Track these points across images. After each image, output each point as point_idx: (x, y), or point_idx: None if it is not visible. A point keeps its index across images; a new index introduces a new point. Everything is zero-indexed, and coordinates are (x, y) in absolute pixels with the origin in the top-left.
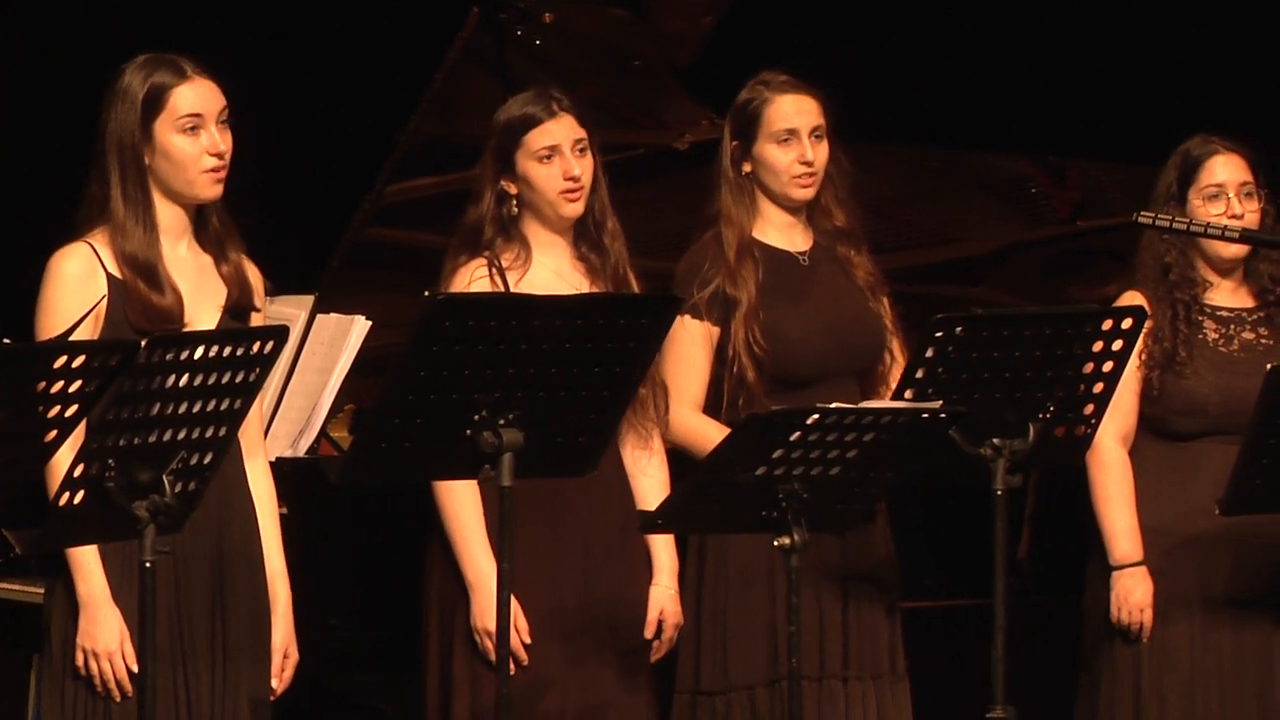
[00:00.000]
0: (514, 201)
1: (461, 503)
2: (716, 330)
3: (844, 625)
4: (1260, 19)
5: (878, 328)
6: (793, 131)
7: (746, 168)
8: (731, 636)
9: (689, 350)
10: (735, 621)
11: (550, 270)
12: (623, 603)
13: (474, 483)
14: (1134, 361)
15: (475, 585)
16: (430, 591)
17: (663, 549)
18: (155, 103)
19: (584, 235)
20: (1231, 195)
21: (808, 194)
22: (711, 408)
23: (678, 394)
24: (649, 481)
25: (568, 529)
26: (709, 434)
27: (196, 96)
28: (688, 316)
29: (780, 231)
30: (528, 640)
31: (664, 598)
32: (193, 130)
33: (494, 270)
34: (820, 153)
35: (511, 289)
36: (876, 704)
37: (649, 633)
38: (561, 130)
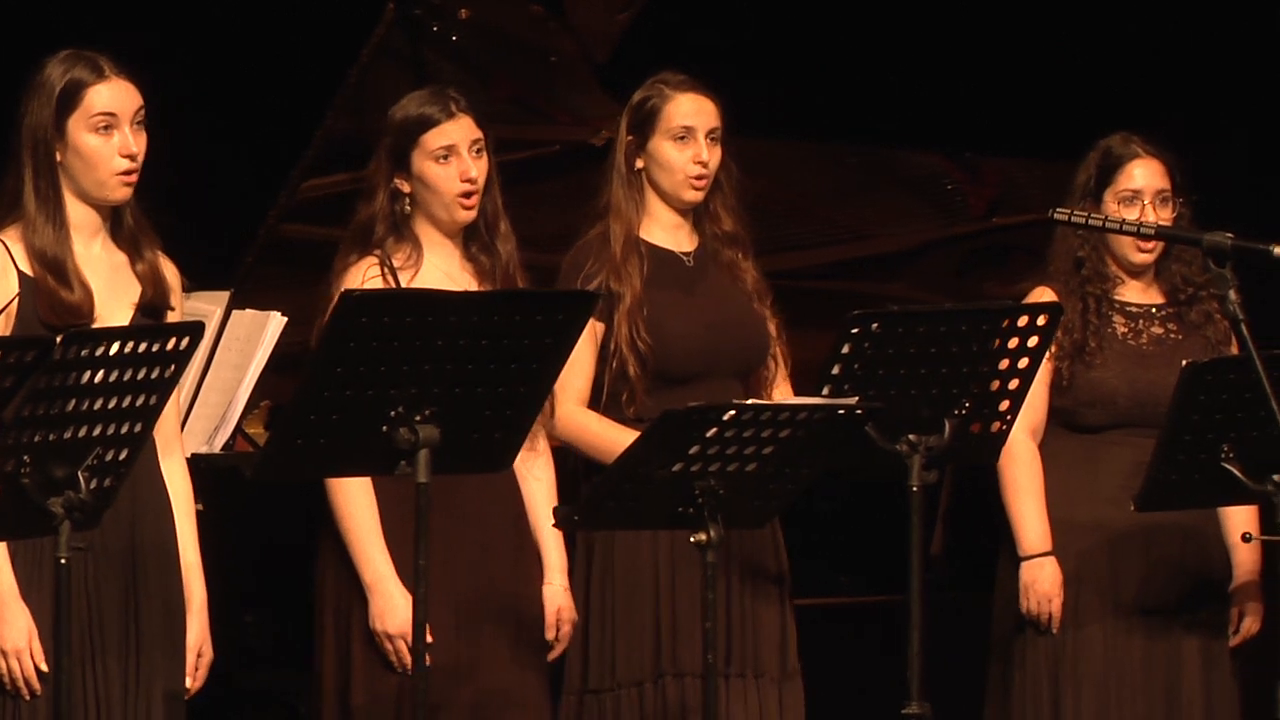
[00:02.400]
0: (407, 201)
1: (356, 503)
2: (601, 326)
3: (727, 623)
4: (1177, 14)
5: (761, 331)
6: (690, 130)
7: (639, 164)
8: (619, 634)
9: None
10: (623, 619)
11: (440, 271)
12: (519, 598)
13: (369, 483)
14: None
15: (373, 587)
16: (325, 590)
17: (553, 548)
18: (71, 99)
19: (475, 237)
20: (1146, 202)
21: (697, 196)
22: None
23: (562, 390)
24: (536, 484)
25: (463, 527)
26: (596, 429)
27: (112, 96)
28: None
29: (666, 231)
30: (429, 639)
31: (559, 596)
32: (106, 130)
33: (385, 270)
34: (714, 155)
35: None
36: (760, 702)
37: (550, 633)
38: (459, 131)
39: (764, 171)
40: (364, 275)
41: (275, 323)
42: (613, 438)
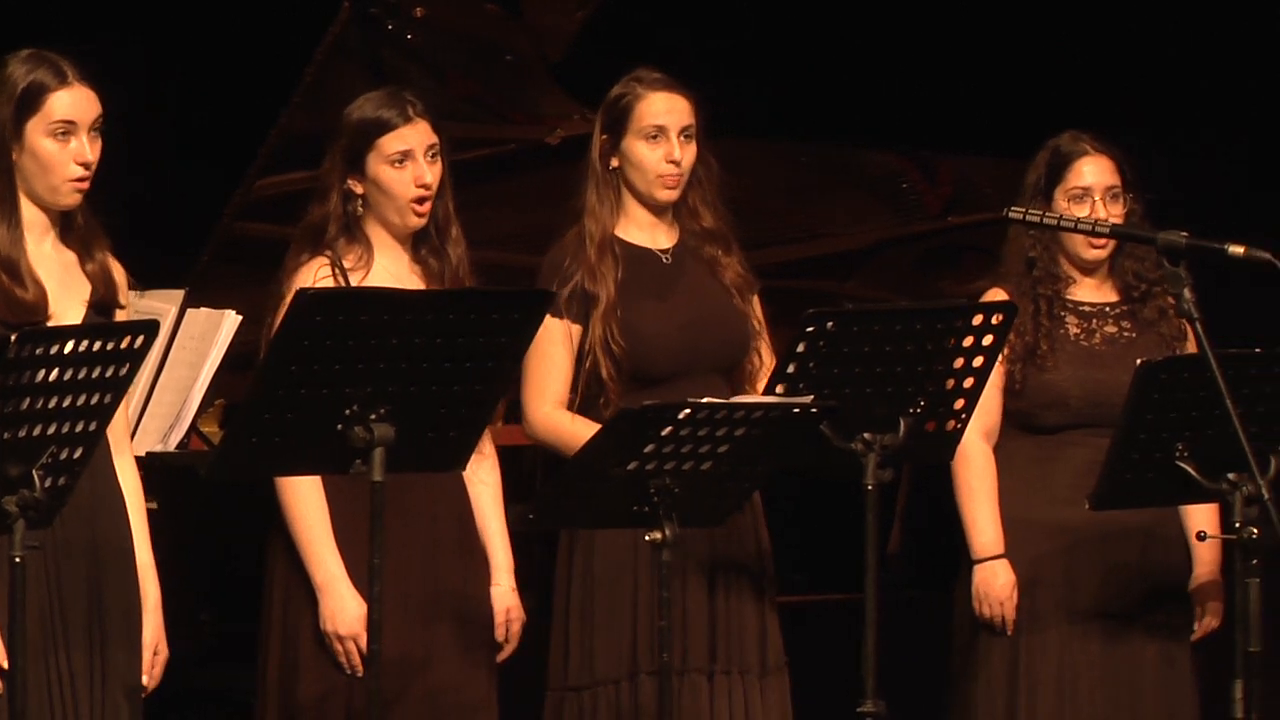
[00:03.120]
0: (359, 202)
1: (307, 503)
2: (577, 328)
3: (710, 619)
4: (1129, 13)
5: (742, 326)
6: (661, 129)
7: (614, 163)
8: (598, 632)
9: (549, 349)
10: (601, 617)
11: (389, 273)
12: (466, 600)
13: (319, 482)
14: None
15: (324, 588)
16: (273, 590)
17: (499, 548)
18: (31, 103)
19: (425, 240)
20: (1097, 199)
21: (671, 195)
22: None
23: (540, 392)
24: (482, 487)
25: (411, 525)
26: (572, 430)
27: (73, 103)
28: (549, 316)
29: (643, 229)
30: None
31: (506, 597)
32: (64, 136)
33: (336, 270)
34: (688, 153)
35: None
36: (744, 698)
37: (499, 634)
38: (416, 135)
39: (721, 170)
40: (315, 275)
41: (230, 321)
42: (588, 437)
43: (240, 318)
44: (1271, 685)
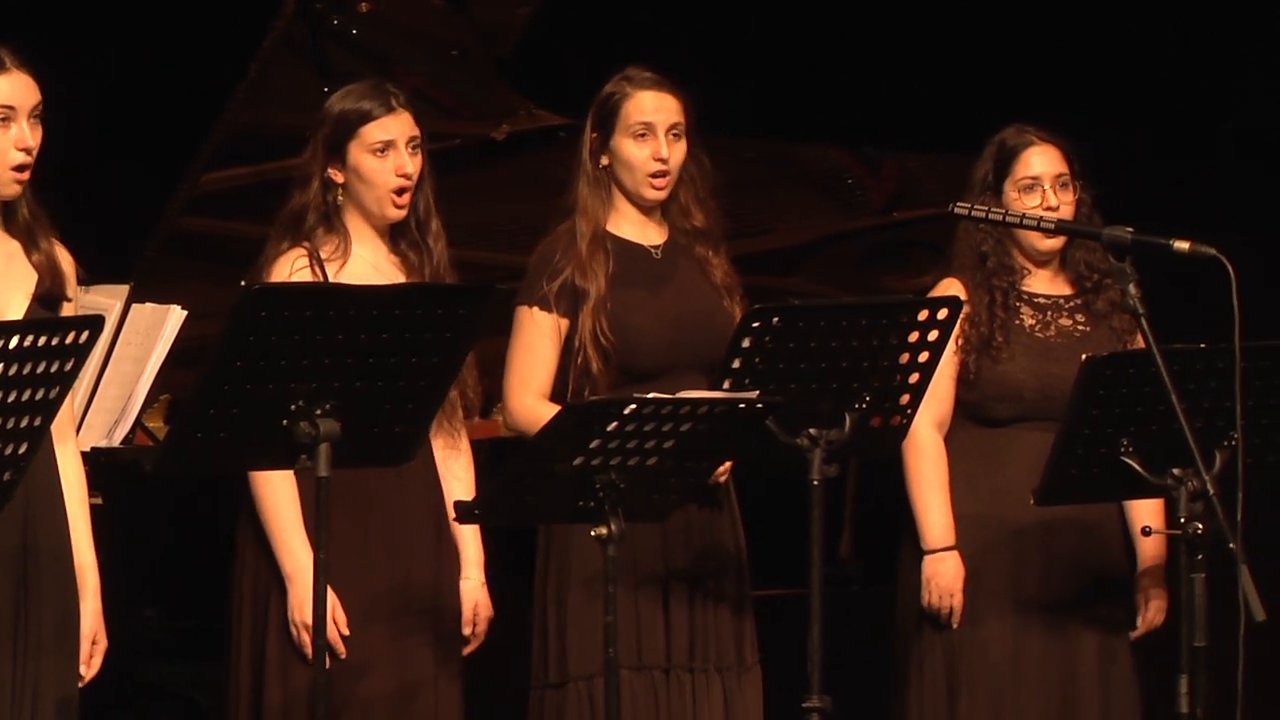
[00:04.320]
0: (339, 191)
1: (279, 494)
2: (565, 322)
3: (690, 616)
4: (1071, 8)
5: (729, 324)
6: (649, 126)
7: (604, 161)
8: (570, 628)
9: (536, 341)
10: (575, 613)
11: (368, 263)
12: (436, 593)
13: (291, 473)
14: (951, 346)
15: (293, 577)
16: (242, 580)
17: (470, 542)
18: None
19: (404, 233)
20: (1047, 187)
21: (659, 195)
22: (556, 399)
23: (523, 383)
24: (457, 483)
25: (382, 520)
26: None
27: (11, 89)
28: (537, 309)
29: (634, 225)
30: (345, 632)
31: (475, 591)
32: (3, 122)
33: (313, 261)
34: (676, 152)
35: (330, 280)
36: (724, 695)
37: (466, 629)
38: (399, 126)
39: None
40: (292, 266)
41: (175, 316)
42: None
43: (185, 313)
44: (1217, 680)
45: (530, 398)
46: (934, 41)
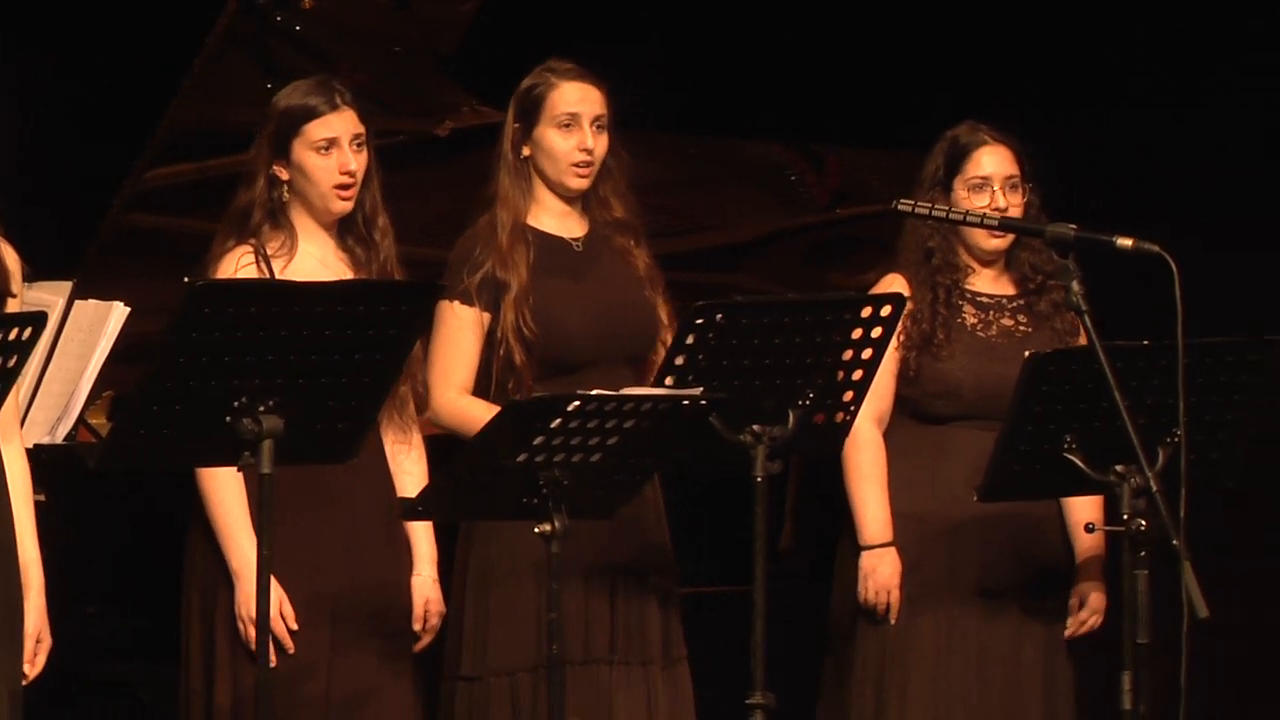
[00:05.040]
0: (285, 188)
1: (226, 490)
2: (487, 316)
3: (612, 610)
4: (1015, 4)
5: (653, 316)
6: (574, 117)
7: (526, 151)
8: (494, 622)
9: (458, 335)
10: (499, 607)
11: (315, 259)
12: (387, 590)
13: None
14: (892, 343)
15: (240, 573)
16: (192, 577)
17: (422, 538)
18: None
19: (352, 229)
20: (996, 188)
21: (582, 184)
22: (480, 392)
23: (446, 377)
24: (408, 477)
25: (333, 516)
26: (479, 415)
27: None
28: (458, 303)
29: (555, 218)
30: (294, 627)
31: (426, 587)
32: None
33: (260, 258)
34: (600, 143)
35: (276, 276)
36: (646, 689)
37: (417, 624)
38: (342, 123)
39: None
40: (238, 263)
41: (118, 313)
42: (478, 415)
43: (128, 309)
44: (1160, 677)
45: (453, 392)
46: (876, 38)
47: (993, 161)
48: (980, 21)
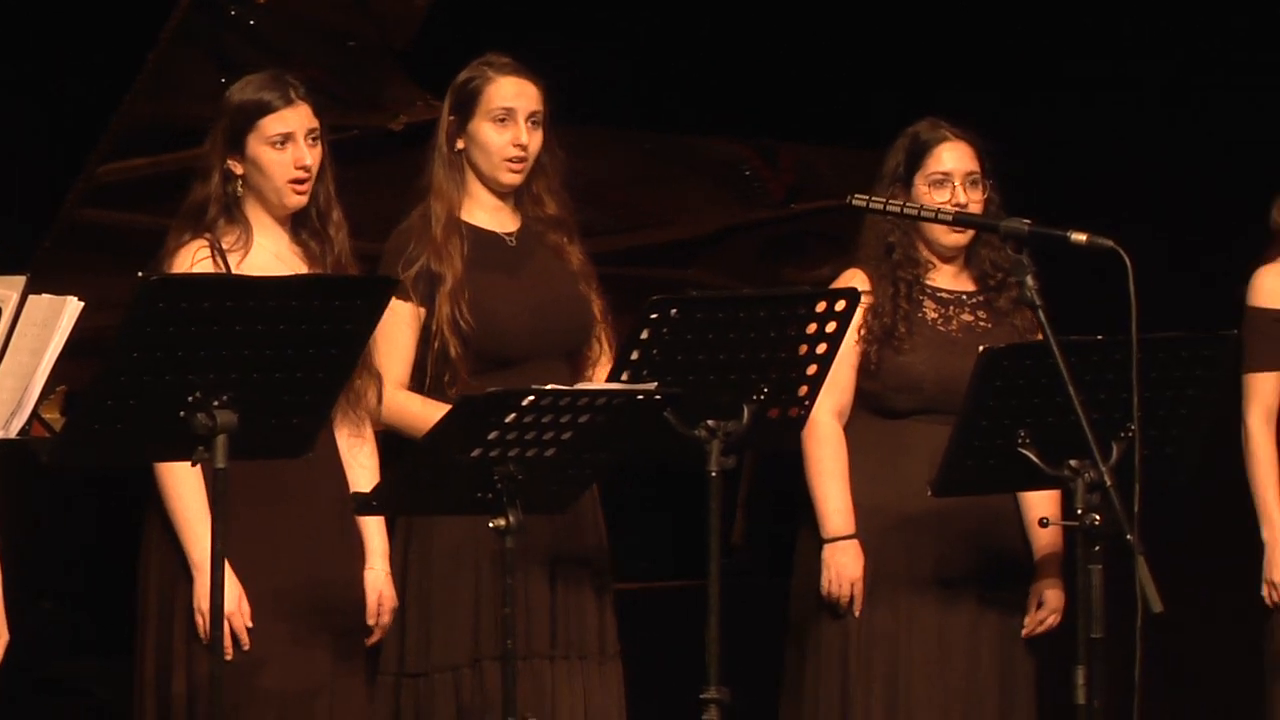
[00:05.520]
0: (239, 183)
1: (185, 483)
2: (423, 310)
3: (551, 606)
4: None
5: (587, 311)
6: (510, 111)
7: (460, 145)
8: (436, 618)
9: (393, 331)
10: (439, 603)
11: (270, 253)
12: (341, 585)
13: None
14: (853, 336)
15: (200, 565)
16: (148, 571)
17: (375, 532)
18: None
19: (306, 224)
20: (957, 184)
21: (515, 180)
22: (414, 387)
23: (383, 373)
24: (361, 470)
25: (289, 511)
26: (418, 410)
27: None
28: (394, 298)
29: (488, 212)
30: (249, 623)
31: (379, 581)
32: None
33: (215, 252)
34: (535, 139)
35: (232, 270)
36: (584, 684)
37: (370, 619)
38: (297, 118)
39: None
40: (194, 257)
41: (72, 308)
42: (434, 418)
43: (82, 304)
44: (1114, 671)
45: (389, 387)
46: (832, 35)
47: (953, 157)
48: (935, 18)
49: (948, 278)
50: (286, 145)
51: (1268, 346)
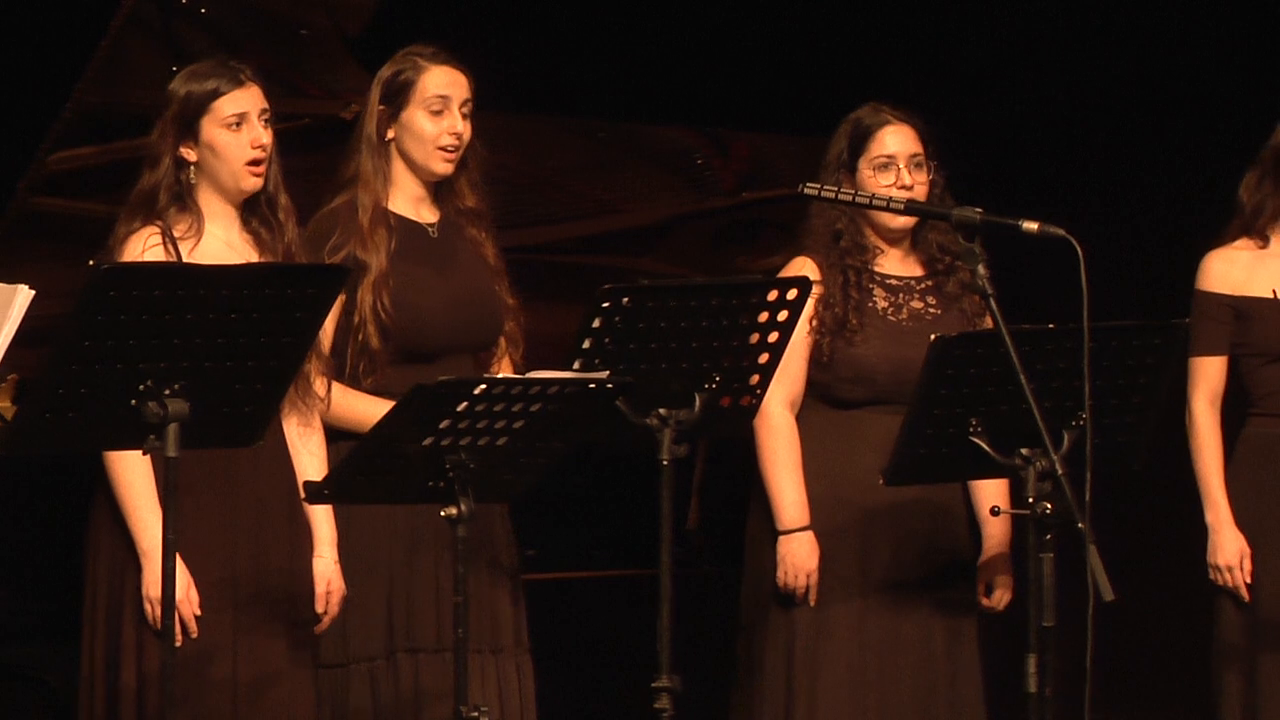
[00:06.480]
0: (192, 170)
1: (133, 471)
2: (343, 298)
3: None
4: None
5: (502, 307)
6: (445, 101)
7: (390, 134)
8: (351, 610)
9: None
10: (355, 595)
11: (221, 241)
12: (291, 574)
13: None
14: (804, 327)
15: (149, 553)
16: (97, 558)
17: (323, 521)
18: None
19: (255, 210)
20: (901, 166)
21: (448, 169)
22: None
23: None
24: (310, 459)
25: (239, 499)
26: (334, 398)
27: None
28: None
29: (410, 203)
30: (199, 611)
31: (328, 569)
32: None
33: (167, 239)
34: (467, 128)
35: (184, 258)
36: (497, 677)
37: (319, 606)
38: (250, 99)
39: (514, 146)
40: (145, 244)
41: (23, 296)
42: (355, 407)
43: (34, 293)
44: (1065, 659)
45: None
46: (781, 23)
47: (896, 141)
48: (887, 6)
49: (895, 262)
50: (241, 126)
51: (1214, 331)
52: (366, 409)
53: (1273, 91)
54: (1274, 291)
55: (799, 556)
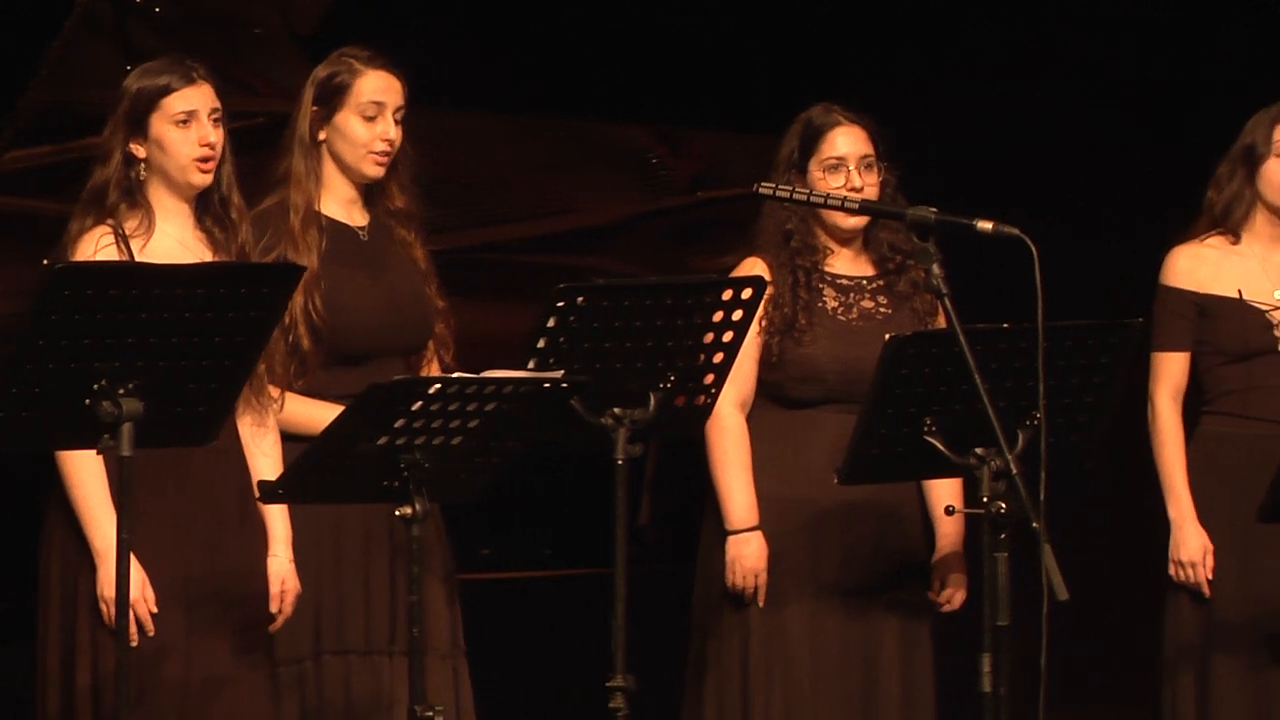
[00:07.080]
0: (142, 166)
1: (86, 470)
2: None
3: (392, 601)
4: None
5: (432, 310)
6: (380, 106)
7: (322, 135)
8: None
9: None
10: None
11: (173, 239)
12: (246, 574)
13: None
14: (754, 328)
15: (102, 553)
16: (51, 558)
17: (278, 520)
18: None
19: (208, 208)
20: (852, 168)
21: (379, 172)
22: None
23: None
24: (264, 459)
25: (193, 499)
26: (297, 406)
27: None
28: None
29: (341, 205)
30: (154, 610)
31: (283, 569)
32: None
33: (119, 237)
34: (399, 133)
35: (135, 256)
36: (435, 681)
37: (274, 605)
38: (200, 97)
39: (467, 145)
40: (97, 243)
41: None
42: (307, 412)
43: None
44: (1019, 659)
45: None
46: (734, 21)
47: (847, 142)
48: (840, 4)
49: (846, 262)
50: (190, 124)
51: (1178, 326)
52: (318, 414)
53: (1227, 91)
54: (1239, 291)
55: (748, 558)
